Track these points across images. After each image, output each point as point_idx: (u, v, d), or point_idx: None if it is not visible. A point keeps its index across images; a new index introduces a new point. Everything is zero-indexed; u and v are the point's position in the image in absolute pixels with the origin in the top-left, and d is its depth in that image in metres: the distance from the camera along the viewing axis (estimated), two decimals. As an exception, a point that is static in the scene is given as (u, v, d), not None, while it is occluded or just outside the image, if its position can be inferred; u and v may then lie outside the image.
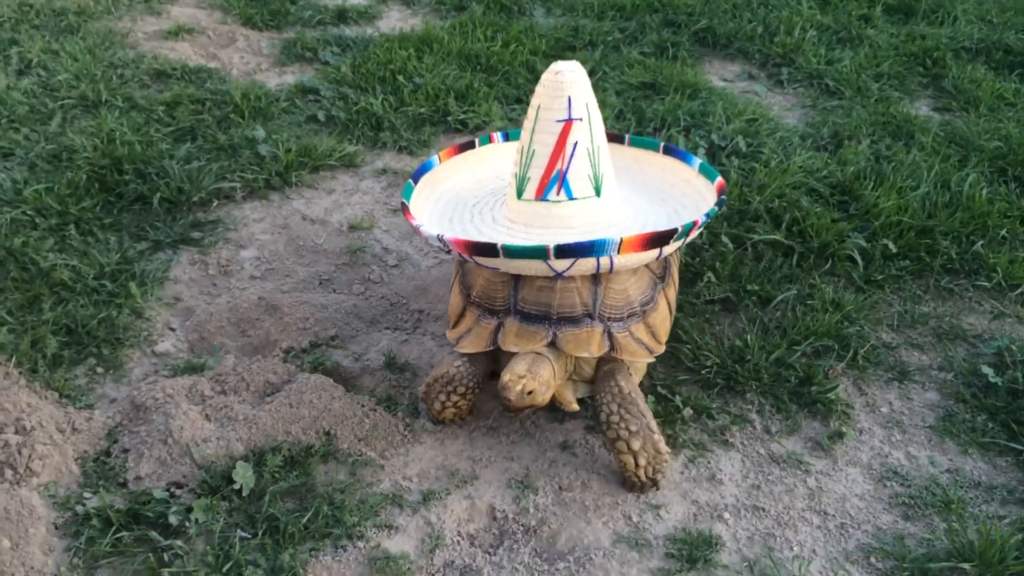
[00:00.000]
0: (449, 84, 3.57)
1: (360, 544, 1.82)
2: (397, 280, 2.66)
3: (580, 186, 1.96)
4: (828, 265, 2.64)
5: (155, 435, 1.98)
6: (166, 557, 1.75)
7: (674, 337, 2.34)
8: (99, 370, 2.23)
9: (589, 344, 1.94)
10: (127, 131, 3.11)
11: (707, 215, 1.95)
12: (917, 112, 3.61)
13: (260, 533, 1.80)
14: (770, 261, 2.65)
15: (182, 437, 1.97)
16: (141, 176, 2.89)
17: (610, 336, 1.97)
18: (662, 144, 2.29)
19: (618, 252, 1.81)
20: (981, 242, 2.70)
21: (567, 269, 1.85)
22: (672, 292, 2.16)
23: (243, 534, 1.80)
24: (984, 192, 2.88)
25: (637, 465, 1.91)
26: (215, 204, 2.88)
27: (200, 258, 2.66)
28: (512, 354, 1.96)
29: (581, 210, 1.98)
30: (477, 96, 3.52)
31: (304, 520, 1.83)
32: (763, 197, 2.84)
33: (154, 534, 1.78)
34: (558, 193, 1.96)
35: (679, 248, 2.10)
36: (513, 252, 1.82)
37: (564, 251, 1.80)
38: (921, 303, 2.56)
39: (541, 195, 1.97)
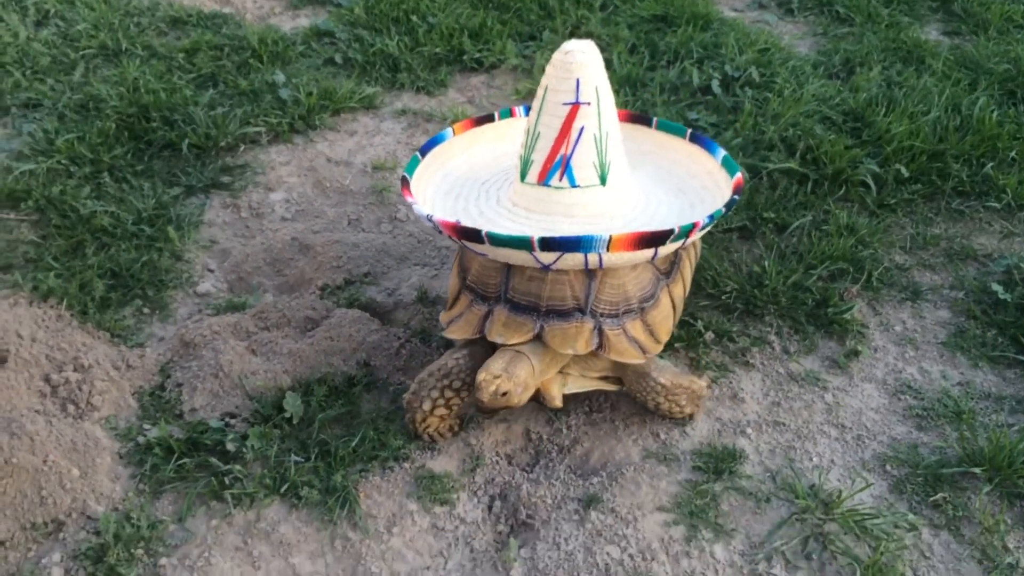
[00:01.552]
0: (463, 23, 3.60)
1: (406, 465, 1.94)
2: (421, 228, 2.74)
3: (584, 174, 1.87)
4: (842, 191, 2.71)
5: (206, 369, 2.09)
6: (227, 480, 1.87)
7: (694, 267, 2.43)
8: (145, 311, 2.34)
9: (576, 341, 1.85)
10: (151, 79, 3.16)
11: (711, 217, 1.82)
12: (927, 37, 3.63)
13: (312, 457, 1.92)
14: (785, 189, 2.72)
15: (232, 370, 2.08)
16: (168, 123, 2.96)
17: (600, 333, 1.87)
18: (689, 131, 2.17)
19: (607, 250, 1.72)
20: (991, 164, 2.77)
21: (553, 263, 1.77)
22: (679, 290, 2.04)
23: (297, 458, 1.92)
24: (994, 115, 2.93)
25: (683, 413, 2.02)
26: (242, 149, 2.95)
27: (232, 201, 2.74)
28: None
29: (584, 198, 1.88)
30: (491, 34, 3.55)
31: (352, 444, 1.94)
32: (777, 126, 2.90)
33: (213, 460, 1.91)
34: (560, 179, 1.87)
35: (687, 245, 1.99)
36: (497, 240, 1.74)
37: (549, 244, 1.72)
38: (933, 225, 2.63)
39: (543, 180, 1.88)
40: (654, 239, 1.74)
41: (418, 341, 2.23)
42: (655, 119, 2.21)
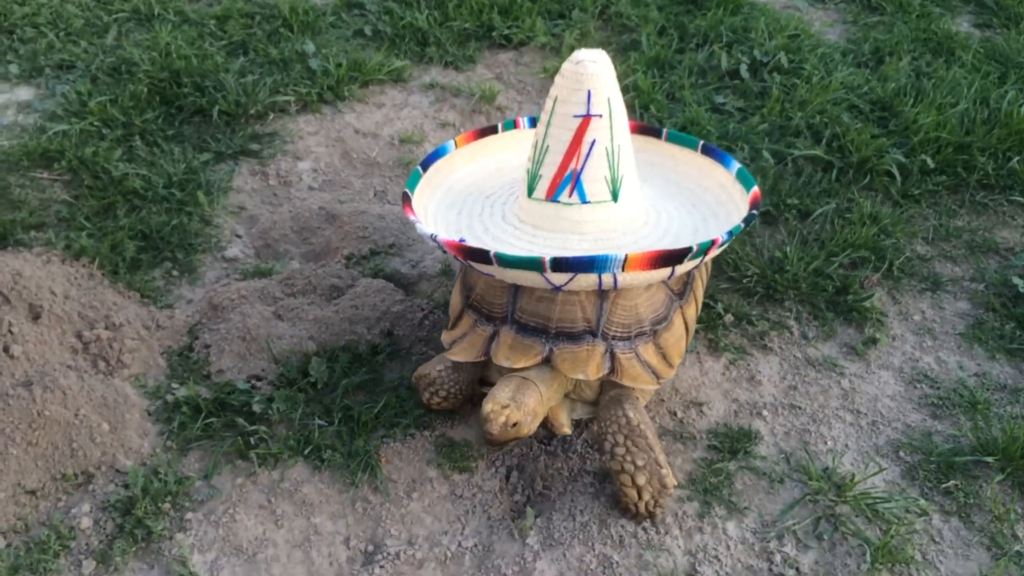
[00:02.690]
0: (492, -1, 3.61)
1: (426, 432, 1.97)
2: (447, 192, 2.77)
3: (595, 189, 1.79)
4: (867, 180, 2.72)
5: (233, 332, 2.13)
6: (252, 440, 1.92)
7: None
8: (175, 273, 2.38)
9: (587, 365, 1.77)
10: (182, 44, 3.19)
11: (730, 233, 1.74)
12: (958, 28, 3.62)
13: (336, 421, 1.96)
14: (810, 176, 2.73)
15: (258, 334, 2.12)
16: (199, 89, 2.99)
17: (612, 357, 1.80)
18: (701, 143, 2.07)
19: (623, 270, 1.64)
20: (1017, 158, 2.77)
21: (565, 284, 1.68)
22: (692, 310, 1.96)
23: (320, 422, 1.96)
24: (1022, 109, 2.92)
25: (640, 498, 1.78)
26: (271, 117, 2.97)
27: (260, 169, 2.78)
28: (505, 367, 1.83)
29: (595, 215, 1.80)
30: (521, 11, 3.55)
31: (375, 410, 1.98)
32: (804, 113, 2.90)
33: (240, 420, 1.95)
34: (570, 195, 1.79)
35: (702, 264, 1.91)
36: (506, 261, 1.66)
37: (561, 265, 1.63)
38: (956, 217, 2.64)
39: (552, 196, 1.80)
40: (671, 258, 1.66)
41: (441, 312, 2.26)
42: (665, 130, 2.13)
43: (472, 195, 2.03)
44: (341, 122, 3.01)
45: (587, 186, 1.78)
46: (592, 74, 1.74)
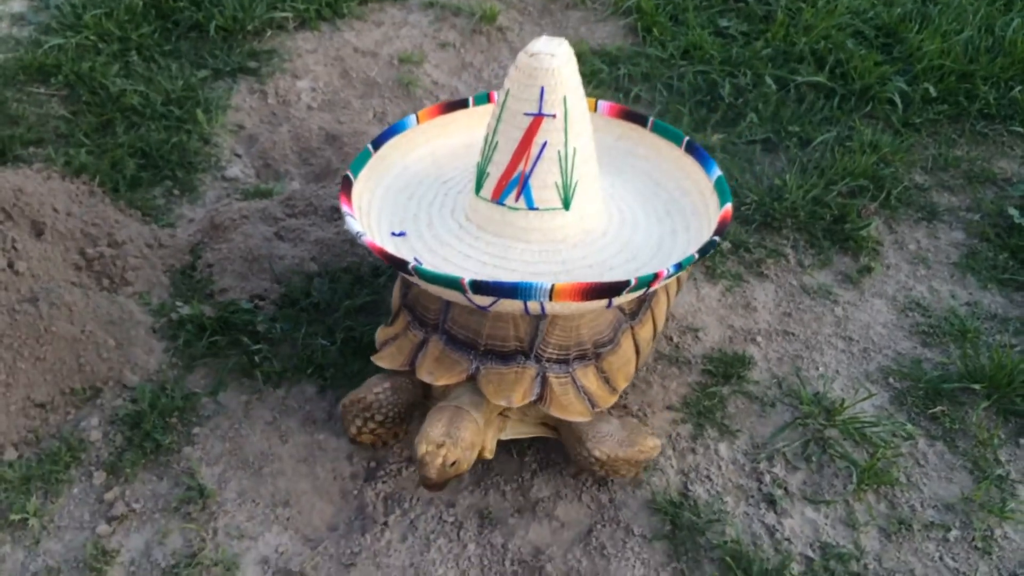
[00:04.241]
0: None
1: (427, 353, 2.01)
2: (447, 113, 2.75)
3: (544, 195, 1.62)
4: (868, 108, 2.71)
5: (235, 252, 2.15)
6: (256, 359, 1.95)
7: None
8: (175, 192, 2.38)
9: (512, 390, 1.62)
10: (177, -43, 3.12)
11: (677, 266, 1.55)
12: (968, -47, 3.55)
13: (338, 341, 2.00)
14: (811, 103, 2.72)
15: (260, 254, 2.14)
16: (195, 3, 2.93)
17: (544, 382, 1.64)
18: (686, 140, 1.86)
19: (549, 299, 1.46)
20: (1019, 87, 2.76)
21: (489, 306, 1.53)
22: (647, 331, 1.79)
23: (323, 342, 1.99)
24: (1028, 38, 2.90)
25: (625, 477, 1.77)
26: (268, 34, 2.93)
27: (259, 87, 2.75)
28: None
29: (543, 223, 1.64)
30: (523, -73, 3.46)
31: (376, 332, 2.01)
32: (809, 38, 2.88)
33: (244, 339, 1.98)
34: (517, 199, 1.62)
35: (666, 284, 1.76)
36: (426, 276, 1.51)
37: (482, 288, 1.47)
38: (955, 147, 2.65)
39: (498, 198, 1.64)
40: (605, 291, 1.48)
41: (441, 235, 2.28)
42: (651, 119, 1.92)
43: (428, 178, 1.85)
44: (340, 40, 2.97)
45: (535, 191, 1.62)
46: (547, 69, 1.54)
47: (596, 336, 1.69)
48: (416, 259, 1.62)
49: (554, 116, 1.57)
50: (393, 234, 1.72)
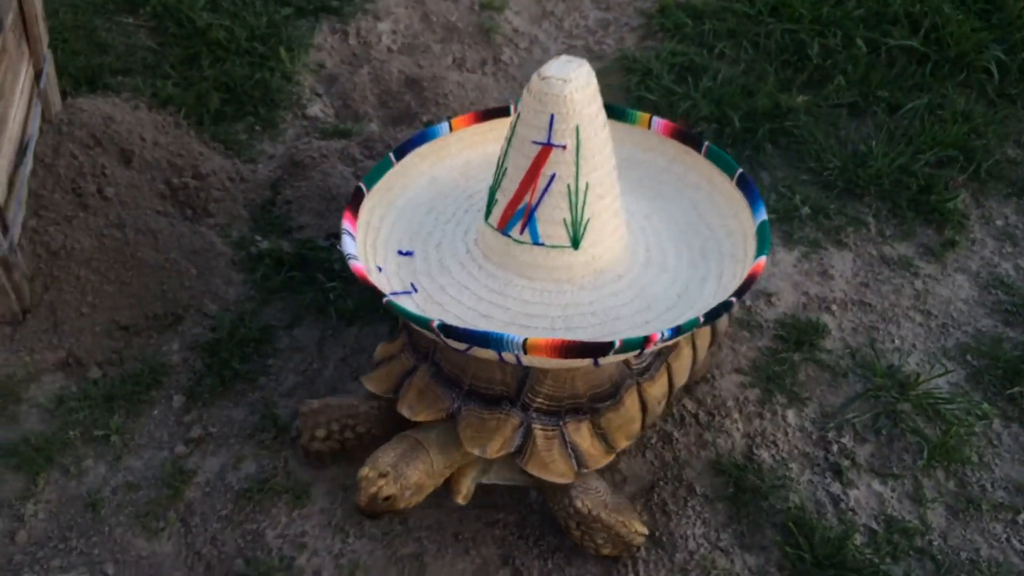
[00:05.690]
0: None
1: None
2: (526, 63, 2.73)
3: (550, 231, 1.48)
4: (963, 76, 2.61)
5: (314, 190, 2.18)
6: (331, 296, 1.99)
7: (797, 139, 2.40)
8: (257, 128, 2.41)
9: (489, 440, 1.48)
10: None
11: (674, 330, 1.39)
12: (1081, -83, 3.37)
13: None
14: (903, 68, 2.63)
15: (338, 193, 2.16)
16: (281, -61, 2.94)
17: (527, 433, 1.50)
18: (739, 172, 1.66)
19: (524, 352, 1.33)
20: None
21: (467, 350, 1.40)
22: (658, 388, 1.60)
23: (397, 283, 2.02)
24: None
25: (598, 552, 1.60)
26: (352, -27, 2.93)
27: (340, 27, 2.76)
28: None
29: (548, 261, 1.49)
30: None
31: (450, 276, 2.03)
32: (903, 0, 2.77)
33: (320, 276, 2.02)
34: (521, 232, 1.48)
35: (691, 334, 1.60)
36: (398, 311, 1.41)
37: (452, 333, 1.36)
38: (1053, 122, 2.54)
39: (503, 228, 1.50)
40: (584, 350, 1.34)
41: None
42: (706, 144, 1.72)
43: (456, 191, 1.72)
44: (422, -18, 2.95)
45: (541, 226, 1.47)
46: (558, 96, 1.39)
47: (594, 390, 1.53)
48: (393, 292, 1.52)
49: (564, 147, 1.43)
50: (400, 253, 1.61)
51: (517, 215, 1.48)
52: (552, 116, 1.40)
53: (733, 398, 1.87)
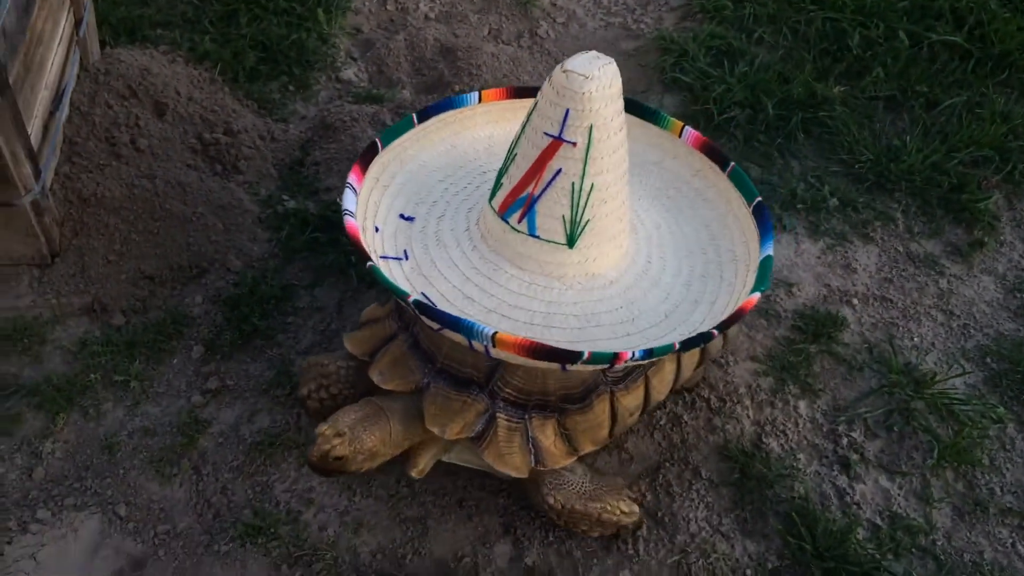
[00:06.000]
0: None
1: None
2: (563, 38, 2.72)
3: (547, 225, 1.45)
4: (1004, 75, 2.57)
5: (343, 153, 2.19)
6: (353, 258, 2.01)
7: (830, 130, 2.37)
8: (291, 88, 2.43)
9: (450, 420, 1.49)
10: None
11: (646, 351, 1.34)
12: None
13: (433, 251, 2.03)
14: (944, 63, 2.59)
15: (367, 158, 2.18)
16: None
17: (490, 421, 1.50)
18: (757, 200, 1.62)
19: (493, 345, 1.32)
20: None
21: (439, 329, 1.39)
22: (630, 400, 1.59)
23: (419, 250, 2.03)
24: None
25: (588, 533, 1.62)
26: (394, -62, 2.92)
27: (379, -9, 2.76)
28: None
29: (541, 254, 1.47)
30: None
31: (471, 246, 2.04)
32: (951, -5, 2.72)
33: (343, 238, 2.03)
34: (520, 221, 1.46)
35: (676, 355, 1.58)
36: (379, 278, 1.39)
37: (426, 311, 1.35)
38: (1095, 127, 2.50)
39: (503, 213, 1.48)
40: (552, 355, 1.32)
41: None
42: (731, 164, 1.68)
43: (473, 164, 1.69)
44: (464, -49, 2.94)
45: (539, 218, 1.45)
46: (577, 92, 1.36)
47: (565, 390, 1.53)
48: (383, 256, 1.50)
49: (574, 144, 1.40)
50: (401, 216, 1.59)
51: (518, 203, 1.46)
52: (567, 111, 1.38)
53: (746, 385, 1.87)
